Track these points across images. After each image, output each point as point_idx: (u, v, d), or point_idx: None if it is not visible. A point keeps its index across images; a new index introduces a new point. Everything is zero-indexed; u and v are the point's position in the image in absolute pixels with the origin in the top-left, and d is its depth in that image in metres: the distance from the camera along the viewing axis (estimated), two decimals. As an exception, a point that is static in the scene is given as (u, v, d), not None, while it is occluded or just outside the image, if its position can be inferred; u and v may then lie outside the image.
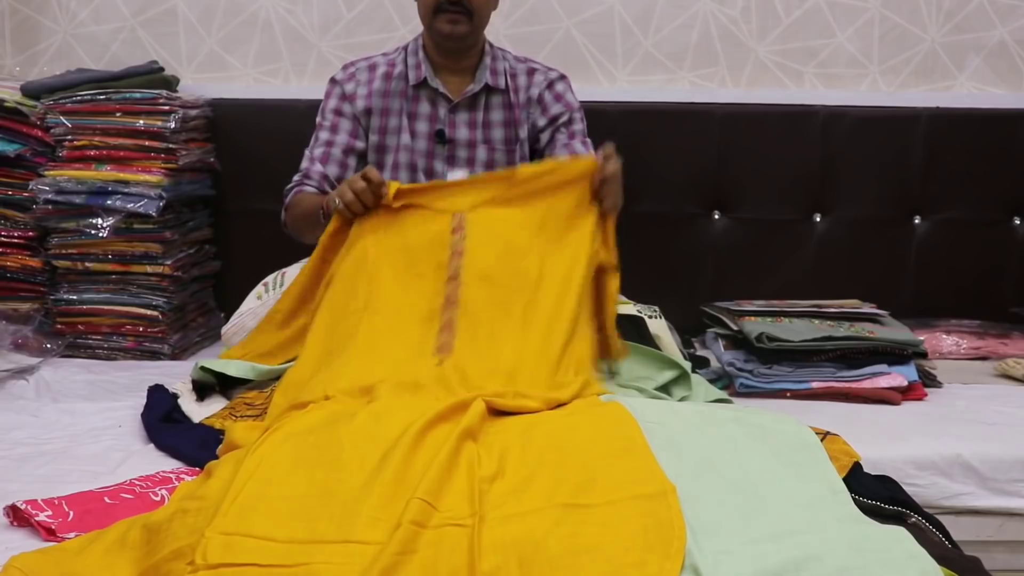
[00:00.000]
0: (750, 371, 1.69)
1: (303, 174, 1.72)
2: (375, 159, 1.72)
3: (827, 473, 1.03)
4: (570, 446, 1.02)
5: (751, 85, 2.16)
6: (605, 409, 1.13)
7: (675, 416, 1.12)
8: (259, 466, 0.98)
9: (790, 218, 2.12)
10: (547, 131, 1.74)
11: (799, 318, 1.78)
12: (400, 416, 1.04)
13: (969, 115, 2.09)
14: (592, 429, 1.06)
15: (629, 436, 1.04)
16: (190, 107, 1.94)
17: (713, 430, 1.09)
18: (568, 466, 0.97)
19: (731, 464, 1.01)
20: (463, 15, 1.60)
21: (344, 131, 1.71)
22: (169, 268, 1.86)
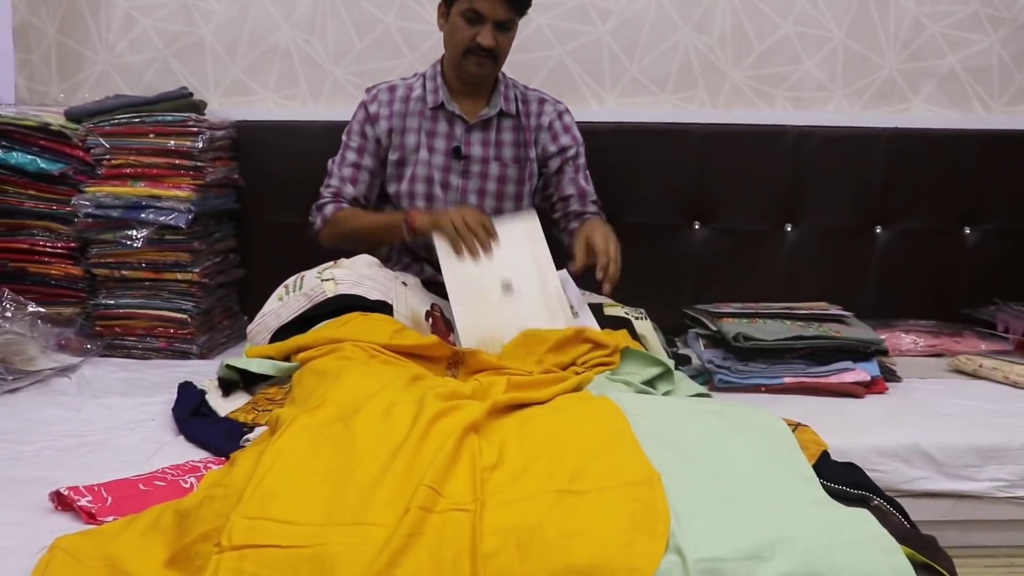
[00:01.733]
0: (728, 368, 1.69)
1: (335, 191, 1.75)
2: (395, 172, 1.73)
3: (798, 461, 1.03)
4: (564, 438, 1.01)
5: (728, 107, 2.16)
6: (596, 403, 1.12)
7: (660, 409, 1.12)
8: (279, 456, 0.98)
9: (764, 228, 2.12)
10: (556, 158, 1.78)
11: (772, 319, 1.78)
12: (408, 410, 1.04)
13: (924, 135, 2.10)
14: (584, 422, 1.06)
15: (618, 428, 1.03)
16: (216, 128, 1.93)
17: (695, 422, 1.08)
18: (562, 456, 0.97)
19: (711, 453, 1.01)
20: (489, 59, 1.63)
21: (369, 154, 1.74)
22: (197, 275, 1.86)
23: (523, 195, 1.78)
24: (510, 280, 1.48)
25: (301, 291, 1.58)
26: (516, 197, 1.76)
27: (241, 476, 0.97)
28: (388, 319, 1.49)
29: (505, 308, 1.46)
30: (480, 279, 1.47)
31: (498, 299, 1.47)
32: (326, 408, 1.08)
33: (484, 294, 1.46)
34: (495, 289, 1.47)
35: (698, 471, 0.96)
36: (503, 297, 1.46)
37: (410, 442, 0.96)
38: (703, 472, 0.96)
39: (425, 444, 0.97)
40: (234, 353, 1.92)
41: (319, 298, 1.55)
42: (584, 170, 1.82)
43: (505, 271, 1.48)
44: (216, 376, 1.47)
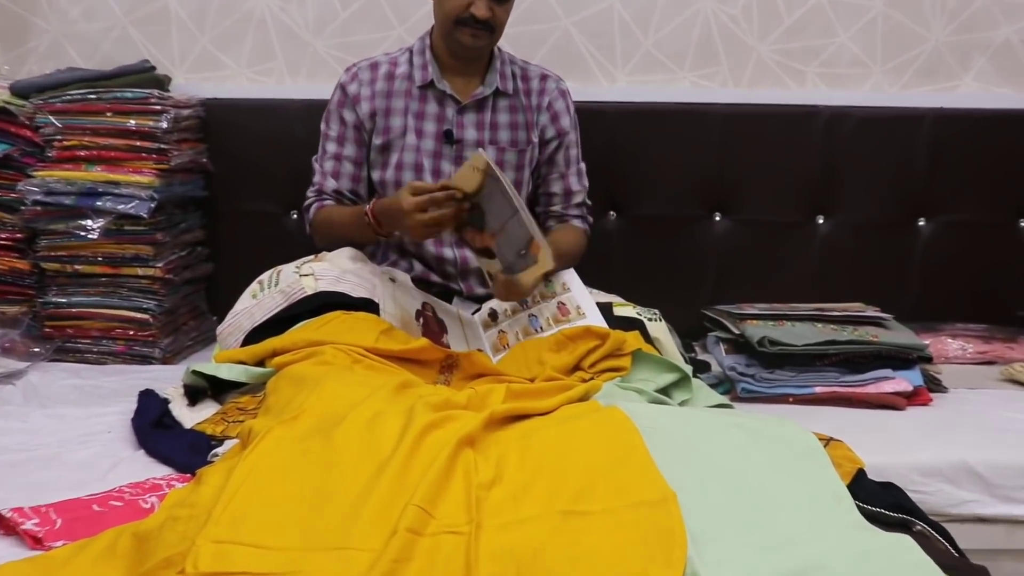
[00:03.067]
0: (752, 376, 1.69)
1: (317, 189, 1.77)
2: (380, 159, 1.73)
3: (830, 480, 1.03)
4: (569, 452, 1.01)
5: (752, 85, 2.16)
6: (604, 414, 1.12)
7: (676, 421, 1.12)
8: (251, 473, 0.98)
9: (792, 220, 2.11)
10: (552, 144, 1.79)
11: (802, 322, 1.78)
12: (395, 420, 1.04)
13: (974, 116, 2.09)
14: (591, 435, 1.06)
15: (629, 442, 1.03)
16: (182, 107, 1.93)
17: (715, 436, 1.09)
18: (567, 472, 0.97)
19: (733, 470, 1.01)
20: (485, 31, 1.63)
21: (350, 142, 1.74)
22: (160, 271, 1.86)
23: (522, 182, 1.78)
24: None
25: (277, 288, 1.58)
26: (515, 185, 1.76)
27: (208, 495, 0.97)
28: (374, 319, 1.49)
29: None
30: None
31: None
32: (304, 419, 1.08)
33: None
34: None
35: (718, 490, 0.96)
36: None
37: (398, 457, 0.96)
38: (724, 491, 0.96)
39: (414, 459, 0.97)
40: (201, 357, 1.92)
41: (297, 296, 1.56)
42: (577, 163, 1.82)
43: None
44: (181, 383, 1.47)
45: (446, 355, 1.45)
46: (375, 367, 1.34)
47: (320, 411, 1.10)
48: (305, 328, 1.45)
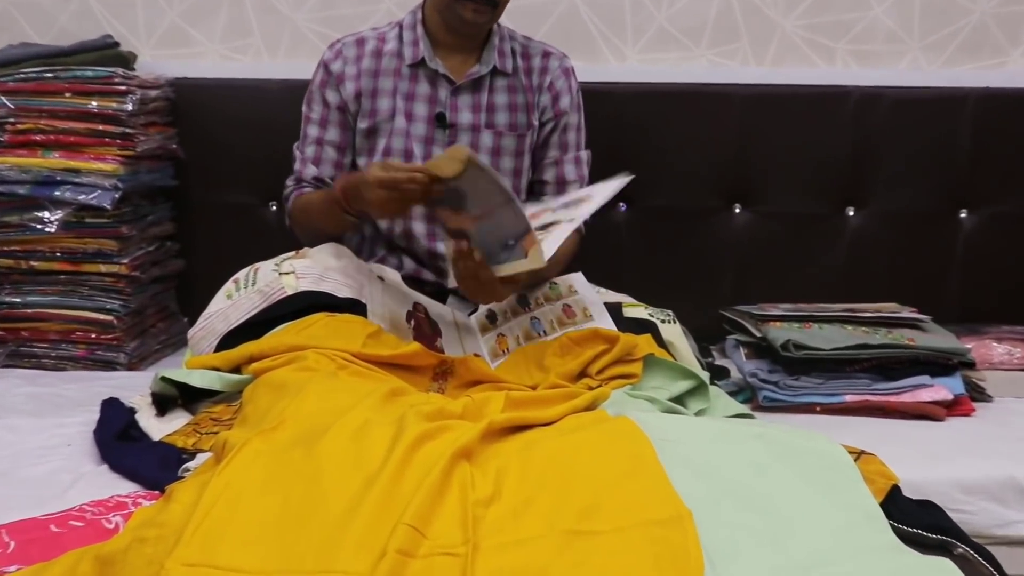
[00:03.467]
0: (775, 383, 1.69)
1: (296, 178, 1.77)
2: (366, 144, 1.73)
3: (862, 497, 1.03)
4: (574, 466, 1.02)
5: (776, 64, 2.17)
6: (613, 424, 1.13)
7: (691, 432, 1.12)
8: (227, 489, 0.98)
9: (820, 212, 2.12)
10: (549, 124, 1.78)
11: (830, 324, 1.79)
12: (384, 431, 1.04)
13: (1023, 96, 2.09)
14: (599, 447, 1.07)
15: (640, 454, 1.04)
16: (149, 87, 1.94)
17: (734, 448, 1.09)
18: (572, 488, 0.98)
19: (754, 486, 1.01)
20: (488, 6, 1.63)
21: (334, 125, 1.74)
22: (126, 267, 1.86)
23: (522, 170, 1.78)
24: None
25: (254, 287, 1.59)
26: (514, 172, 1.76)
27: (179, 513, 0.97)
28: (361, 321, 1.49)
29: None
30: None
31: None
32: (284, 430, 1.08)
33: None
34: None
35: (738, 508, 0.97)
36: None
37: (387, 471, 0.97)
38: (744, 509, 0.97)
39: (405, 473, 0.97)
40: (171, 363, 1.92)
41: (276, 296, 1.56)
42: (576, 149, 1.81)
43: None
44: (149, 391, 1.47)
45: (440, 360, 1.46)
46: (362, 374, 1.35)
47: (302, 421, 1.11)
48: (285, 331, 1.46)
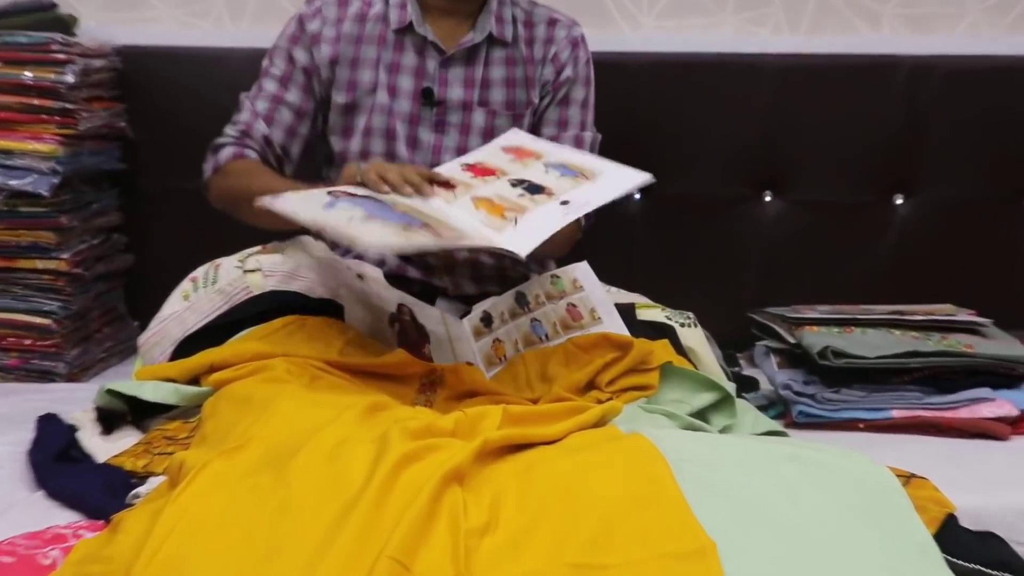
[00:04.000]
0: (811, 396, 1.70)
1: (242, 129, 1.72)
2: (341, 122, 1.72)
3: (912, 527, 1.04)
4: (581, 490, 1.02)
5: (814, 31, 2.17)
6: (626, 443, 1.13)
7: (715, 452, 1.13)
8: (183, 517, 0.98)
9: (863, 200, 2.13)
10: (547, 97, 1.78)
11: (875, 328, 1.80)
12: (365, 451, 1.04)
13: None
14: (609, 468, 1.07)
15: (656, 478, 1.04)
16: (93, 56, 1.94)
17: (764, 470, 1.09)
18: (578, 516, 0.98)
19: (787, 515, 1.01)
20: None
21: (296, 88, 1.72)
22: (66, 263, 1.86)
23: None
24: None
25: (215, 287, 1.59)
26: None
27: (128, 546, 0.97)
28: (337, 325, 1.49)
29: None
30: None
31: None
32: (250, 449, 1.09)
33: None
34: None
35: (768, 539, 0.97)
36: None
37: (367, 496, 0.97)
38: (775, 541, 0.97)
39: (388, 499, 0.97)
40: (119, 373, 1.93)
41: (240, 296, 1.56)
42: (579, 128, 1.79)
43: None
44: (93, 406, 1.47)
45: (428, 370, 1.46)
46: (339, 385, 1.35)
47: (270, 439, 1.11)
48: (251, 337, 1.46)
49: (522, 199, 1.42)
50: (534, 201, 1.42)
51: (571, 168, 1.51)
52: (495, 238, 1.35)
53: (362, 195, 1.38)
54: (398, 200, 1.39)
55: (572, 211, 1.41)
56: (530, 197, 1.42)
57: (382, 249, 1.52)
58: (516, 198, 1.42)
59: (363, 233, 1.27)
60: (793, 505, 1.03)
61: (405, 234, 1.28)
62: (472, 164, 1.53)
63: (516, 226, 1.38)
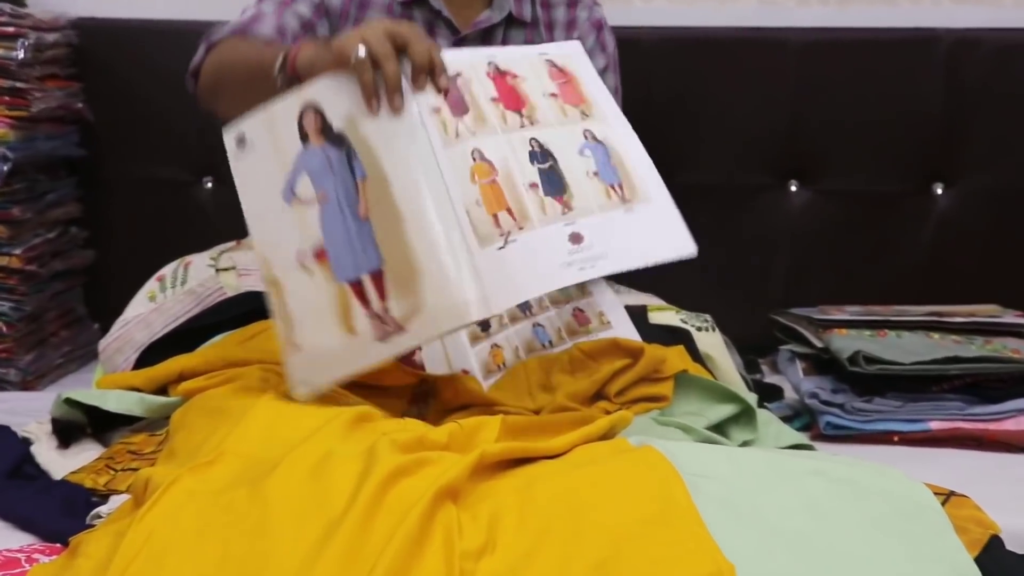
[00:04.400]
0: (840, 405, 1.70)
1: (240, 29, 1.62)
2: None
3: (951, 550, 1.04)
4: (587, 509, 1.02)
5: (844, 2, 2.17)
6: (636, 457, 1.13)
7: (734, 467, 1.13)
8: (150, 539, 0.98)
9: (898, 190, 2.13)
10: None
11: (911, 331, 1.80)
12: (350, 466, 1.05)
13: None
14: (618, 485, 1.07)
15: (669, 495, 1.05)
16: (46, 29, 1.94)
17: (788, 487, 1.10)
18: (584, 537, 0.98)
19: (813, 536, 1.02)
20: None
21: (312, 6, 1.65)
22: (18, 259, 1.87)
23: None
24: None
25: (185, 287, 1.59)
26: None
27: (89, 571, 0.98)
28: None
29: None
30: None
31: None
32: (223, 464, 1.09)
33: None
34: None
35: (792, 563, 0.98)
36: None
37: (353, 515, 0.97)
38: (800, 564, 0.98)
39: (376, 519, 0.98)
40: (78, 381, 1.93)
41: (213, 298, 1.56)
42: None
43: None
44: (49, 417, 1.48)
45: (419, 379, 1.46)
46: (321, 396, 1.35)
47: (245, 453, 1.11)
48: (224, 343, 1.46)
49: (530, 196, 1.26)
50: (543, 210, 1.25)
51: (613, 165, 1.31)
52: (467, 297, 1.17)
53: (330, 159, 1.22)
54: (377, 163, 1.20)
55: (575, 268, 1.24)
56: (541, 198, 1.26)
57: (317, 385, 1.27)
58: (524, 191, 1.25)
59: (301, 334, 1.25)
60: (820, 525, 1.04)
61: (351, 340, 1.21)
62: (504, 72, 1.32)
63: (502, 249, 1.21)
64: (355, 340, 1.21)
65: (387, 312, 1.19)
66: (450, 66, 1.24)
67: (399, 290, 1.19)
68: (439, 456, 1.10)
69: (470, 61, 1.31)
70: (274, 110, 1.26)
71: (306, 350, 1.24)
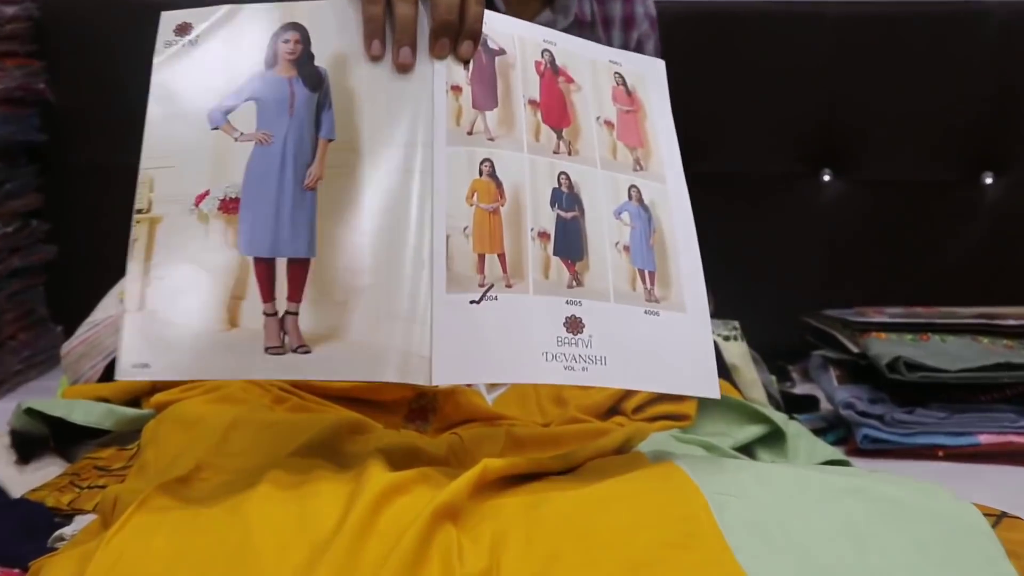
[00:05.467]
0: (880, 417, 1.70)
1: None
2: None
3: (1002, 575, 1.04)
4: (600, 531, 1.02)
5: (884, -29, 2.18)
6: (654, 473, 1.13)
7: (762, 485, 1.13)
8: (118, 563, 0.98)
9: (944, 179, 2.13)
10: None
11: (957, 335, 1.80)
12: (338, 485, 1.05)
13: None
14: (634, 504, 1.07)
15: (691, 516, 1.04)
16: (5, 2, 1.95)
17: (822, 508, 1.10)
18: (597, 562, 0.98)
19: (850, 561, 1.02)
20: None
21: None
22: (-26, 256, 1.87)
23: None
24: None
25: (156, 284, 1.59)
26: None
27: (51, 598, 0.98)
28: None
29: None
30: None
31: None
32: (199, 481, 1.09)
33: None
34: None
35: (828, 590, 0.98)
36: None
37: (342, 538, 0.97)
38: (837, 592, 0.98)
39: (368, 541, 0.97)
40: (39, 390, 1.93)
41: (186, 297, 1.56)
42: None
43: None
44: (8, 428, 1.48)
45: (417, 393, 1.46)
46: (307, 407, 1.35)
47: (223, 469, 1.11)
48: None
49: (535, 248, 1.07)
50: (545, 272, 1.07)
51: (652, 245, 1.13)
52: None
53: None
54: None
55: (559, 365, 1.04)
56: (549, 255, 1.07)
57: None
58: (529, 238, 1.06)
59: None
60: (858, 551, 1.04)
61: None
62: (559, 70, 1.14)
63: (475, 305, 1.02)
64: (234, 337, 1.00)
65: (293, 319, 1.00)
66: (496, 35, 1.09)
67: (321, 298, 1.00)
68: (436, 472, 1.09)
69: (521, 38, 1.12)
70: (242, 13, 1.09)
71: (159, 320, 1.00)
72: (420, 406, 1.44)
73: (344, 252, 1.00)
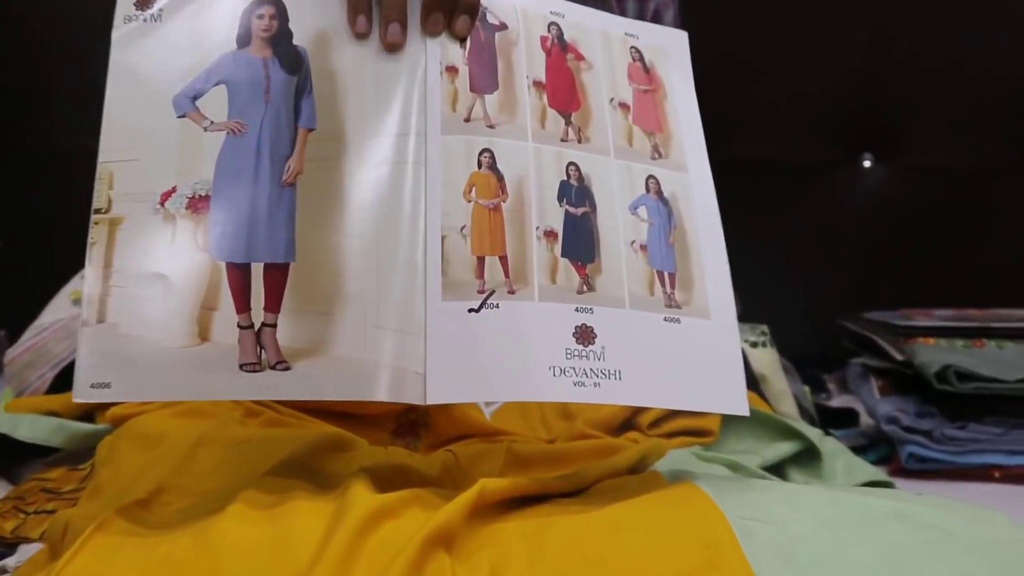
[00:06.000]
0: (927, 432, 1.71)
1: None
2: None
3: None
4: (611, 559, 1.02)
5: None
6: (671, 495, 1.14)
7: (794, 510, 1.13)
8: (72, 596, 0.99)
9: (996, 165, 2.14)
10: None
11: (1015, 341, 1.80)
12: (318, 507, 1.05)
13: None
14: (649, 530, 1.07)
15: (713, 543, 1.05)
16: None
17: (861, 535, 1.10)
18: (609, 594, 0.99)
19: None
20: None
21: None
22: (-92, 252, 1.88)
23: None
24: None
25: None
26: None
27: (-4, 635, 0.98)
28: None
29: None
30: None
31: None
32: (161, 505, 1.09)
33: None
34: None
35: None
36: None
37: (324, 566, 0.97)
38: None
39: (352, 570, 0.98)
40: (-22, 403, 1.94)
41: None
42: None
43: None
44: (-55, 446, 1.49)
45: (407, 407, 1.46)
46: (283, 422, 1.35)
47: (189, 492, 1.12)
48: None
49: (541, 249, 1.07)
50: (551, 276, 1.07)
51: (672, 244, 1.13)
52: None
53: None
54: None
55: (568, 380, 1.04)
56: (556, 256, 1.07)
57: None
58: (535, 238, 1.07)
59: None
60: (901, 580, 1.04)
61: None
62: (567, 45, 1.13)
63: (475, 313, 1.02)
64: (205, 353, 0.99)
65: (271, 332, 1.00)
66: (496, 8, 1.09)
67: (302, 309, 1.00)
68: (428, 494, 1.10)
69: (524, 10, 1.11)
70: None
71: (120, 335, 0.99)
72: (410, 420, 1.44)
73: (327, 256, 1.00)
